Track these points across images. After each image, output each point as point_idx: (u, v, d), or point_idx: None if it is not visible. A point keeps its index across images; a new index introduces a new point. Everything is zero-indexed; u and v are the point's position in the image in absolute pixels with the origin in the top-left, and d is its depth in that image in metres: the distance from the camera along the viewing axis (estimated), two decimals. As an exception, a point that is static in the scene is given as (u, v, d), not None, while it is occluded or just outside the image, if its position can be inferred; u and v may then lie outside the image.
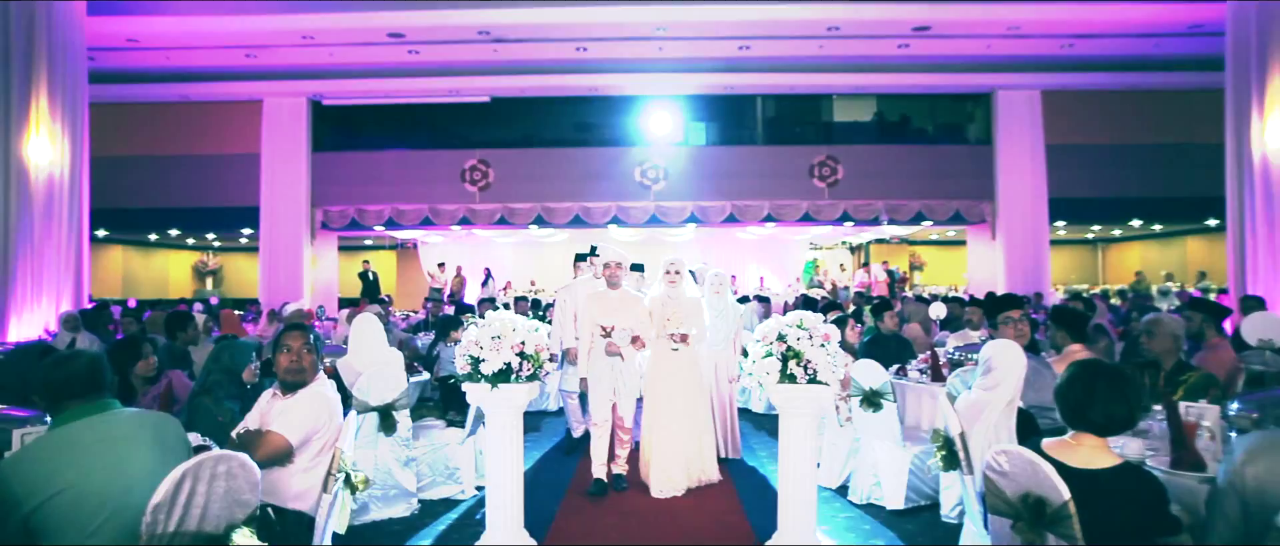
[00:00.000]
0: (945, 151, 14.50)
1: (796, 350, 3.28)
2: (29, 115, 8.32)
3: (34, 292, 8.27)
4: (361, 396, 3.94)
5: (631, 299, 4.57)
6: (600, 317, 4.48)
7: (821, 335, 3.34)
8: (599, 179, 14.47)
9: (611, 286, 4.59)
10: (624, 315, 4.47)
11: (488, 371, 3.33)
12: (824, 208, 14.29)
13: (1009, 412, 2.70)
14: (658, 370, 4.56)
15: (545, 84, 13.58)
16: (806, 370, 3.28)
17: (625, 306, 4.52)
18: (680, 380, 4.52)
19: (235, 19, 10.53)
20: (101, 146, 14.29)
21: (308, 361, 2.70)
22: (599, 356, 4.52)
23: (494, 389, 3.37)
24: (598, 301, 4.56)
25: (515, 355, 3.35)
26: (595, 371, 4.54)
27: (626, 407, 4.56)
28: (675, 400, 4.49)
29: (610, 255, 4.60)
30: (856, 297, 11.44)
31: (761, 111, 15.66)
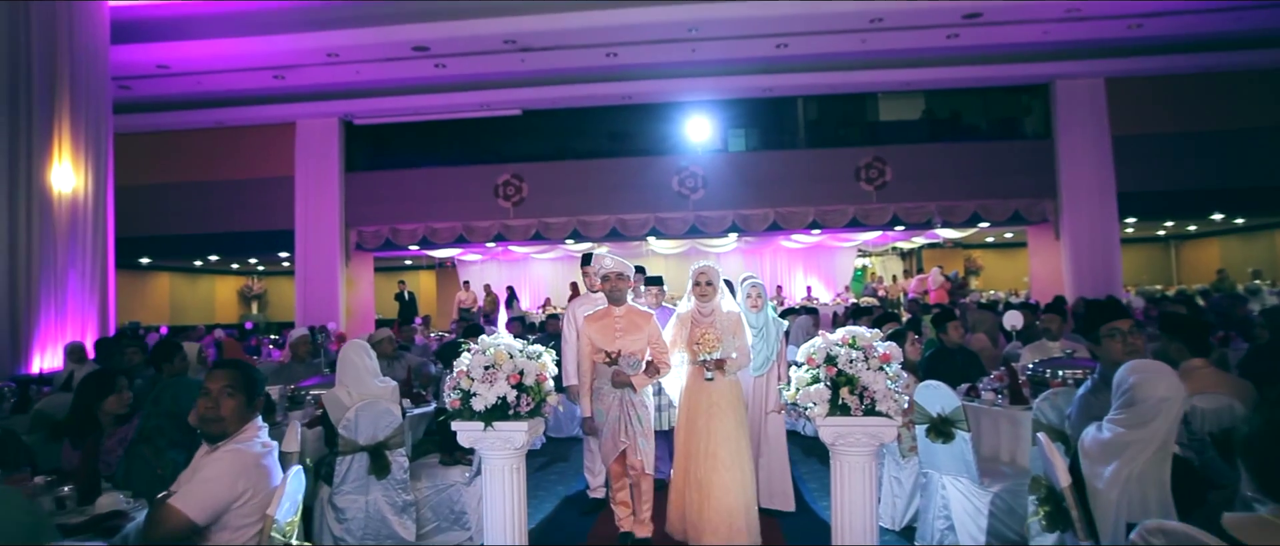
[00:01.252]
0: (1001, 148, 13.61)
1: (849, 375, 2.69)
2: (51, 143, 8.21)
3: (57, 322, 8.12)
4: (348, 435, 3.47)
5: (638, 316, 3.75)
6: (601, 341, 3.70)
7: (880, 355, 2.74)
8: (635, 190, 14.01)
9: (613, 303, 3.80)
10: (629, 337, 3.68)
11: (480, 407, 2.82)
12: (872, 211, 13.54)
13: (1161, 462, 2.02)
14: (691, 406, 3.75)
15: (576, 94, 13.20)
16: (862, 399, 2.69)
17: (631, 325, 3.71)
18: (720, 417, 3.66)
19: (260, 40, 10.39)
20: (143, 175, 14.53)
21: (228, 408, 2.17)
22: (604, 390, 3.74)
23: (487, 428, 2.85)
24: (596, 322, 3.78)
25: (511, 387, 2.83)
26: (601, 409, 3.75)
27: (643, 452, 3.71)
28: (714, 443, 3.63)
29: (608, 265, 3.81)
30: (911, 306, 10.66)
31: (803, 113, 15.01)
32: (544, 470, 5.90)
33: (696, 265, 3.91)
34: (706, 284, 3.84)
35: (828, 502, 3.60)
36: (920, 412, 3.46)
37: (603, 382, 3.74)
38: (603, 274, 3.82)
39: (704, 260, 3.98)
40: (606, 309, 3.83)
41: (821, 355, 2.80)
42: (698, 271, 3.88)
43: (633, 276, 3.92)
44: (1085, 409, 2.48)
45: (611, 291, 3.79)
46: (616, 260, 3.86)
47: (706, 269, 3.86)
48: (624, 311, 3.78)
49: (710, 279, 3.84)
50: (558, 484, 5.44)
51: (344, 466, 3.50)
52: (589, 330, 3.76)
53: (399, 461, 3.62)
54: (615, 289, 3.77)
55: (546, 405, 2.96)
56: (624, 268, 3.84)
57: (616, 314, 3.78)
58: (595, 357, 3.73)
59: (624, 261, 3.87)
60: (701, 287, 3.85)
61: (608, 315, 3.79)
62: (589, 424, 3.82)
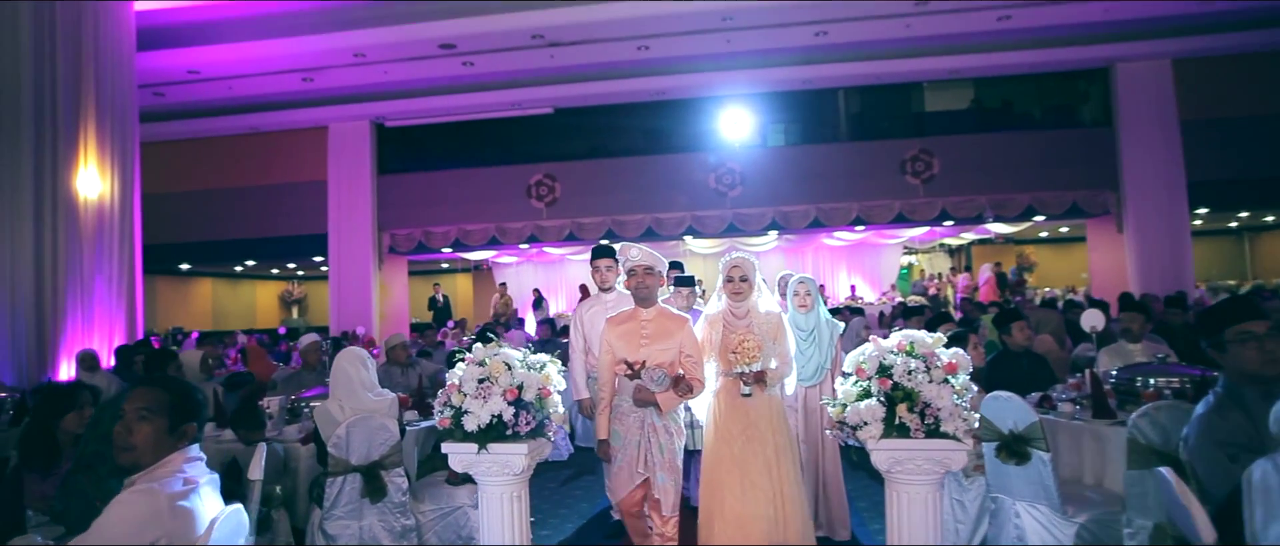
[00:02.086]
0: (1056, 137, 12.83)
1: (907, 389, 2.24)
2: (77, 148, 8.15)
3: (84, 328, 8.05)
4: (339, 453, 3.13)
5: (669, 321, 3.13)
6: (623, 349, 3.08)
7: (944, 365, 2.28)
8: (671, 188, 13.59)
9: (640, 303, 3.17)
10: (657, 346, 3.04)
11: (472, 427, 2.44)
12: (919, 206, 12.89)
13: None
14: (723, 429, 3.09)
15: (609, 90, 12.85)
16: (924, 418, 2.24)
17: (661, 332, 3.08)
18: (759, 442, 3.02)
19: (286, 41, 10.28)
20: (181, 181, 14.64)
21: (142, 436, 1.80)
22: (624, 408, 3.11)
23: (481, 451, 2.47)
24: (619, 326, 3.16)
25: (507, 404, 2.45)
26: (619, 431, 3.12)
27: (665, 484, 3.05)
28: (754, 472, 2.98)
29: (635, 257, 3.19)
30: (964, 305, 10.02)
31: (844, 105, 14.40)
32: (569, 484, 5.52)
33: (728, 257, 3.28)
34: (741, 280, 3.19)
35: (880, 525, 3.15)
36: (988, 429, 2.98)
37: (624, 399, 3.13)
38: (629, 268, 3.20)
39: (737, 252, 3.46)
40: (632, 310, 3.22)
41: (873, 365, 2.36)
42: (730, 265, 3.24)
43: (666, 272, 3.33)
44: (1209, 432, 1.99)
45: (638, 289, 3.15)
46: (646, 252, 3.22)
47: (740, 262, 3.23)
48: (653, 314, 3.15)
49: (745, 274, 3.19)
50: (582, 500, 5.06)
51: (335, 488, 3.16)
52: (610, 335, 3.17)
53: (397, 482, 3.26)
54: (643, 286, 3.14)
55: (550, 424, 2.57)
56: (655, 261, 3.20)
57: (644, 316, 3.15)
58: (617, 369, 3.12)
59: (655, 254, 3.24)
60: (735, 284, 3.20)
61: (633, 318, 3.18)
62: (604, 448, 3.17)
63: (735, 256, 3.29)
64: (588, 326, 3.83)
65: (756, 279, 3.25)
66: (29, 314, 7.60)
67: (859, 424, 2.33)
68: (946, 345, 2.41)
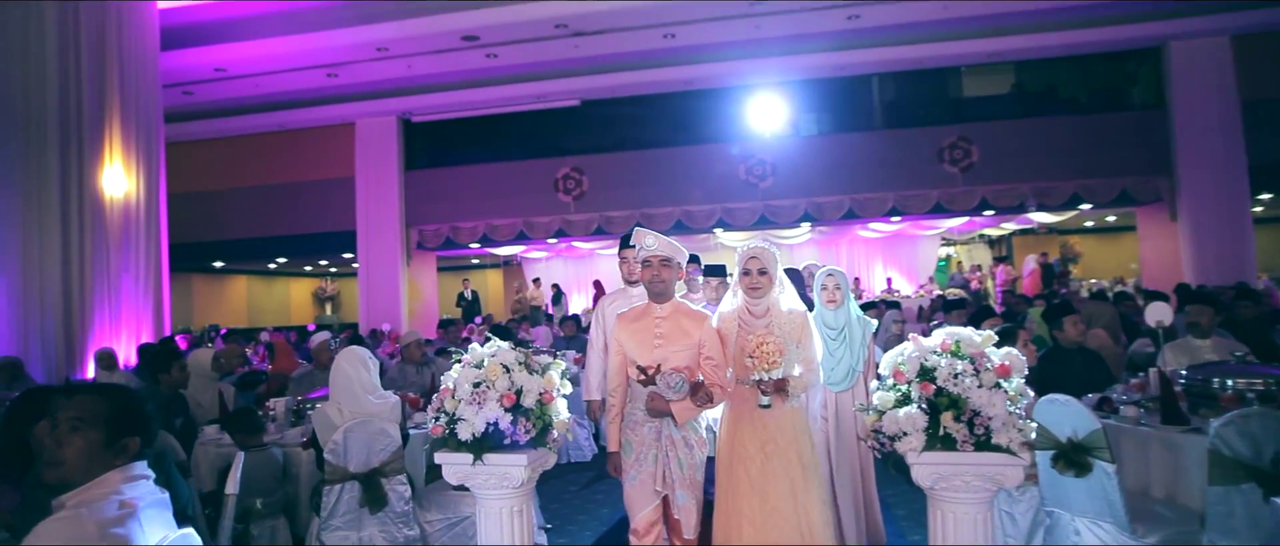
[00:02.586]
0: (1104, 121, 12.24)
1: (954, 395, 1.96)
2: (103, 147, 8.15)
3: (112, 326, 8.06)
4: (336, 459, 2.94)
5: (687, 319, 2.72)
6: (635, 351, 2.71)
7: (995, 367, 2.00)
8: (700, 180, 13.30)
9: (655, 298, 2.75)
10: (673, 347, 2.66)
11: (466, 435, 2.22)
12: (958, 196, 12.42)
13: None
14: (736, 444, 2.70)
15: (635, 80, 12.61)
16: (973, 428, 1.96)
17: (677, 331, 2.68)
18: (780, 460, 2.62)
19: (310, 36, 10.23)
20: (212, 180, 14.77)
21: (74, 449, 1.60)
22: (637, 417, 2.71)
23: (477, 461, 2.25)
24: (630, 325, 2.77)
25: (504, 410, 2.22)
26: (632, 442, 2.72)
27: (686, 504, 2.66)
28: (776, 496, 2.59)
29: (650, 245, 2.74)
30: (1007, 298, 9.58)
31: (878, 92, 13.95)
32: (591, 487, 5.29)
33: (744, 246, 2.84)
34: (759, 272, 2.74)
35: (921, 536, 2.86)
36: (1043, 435, 2.67)
37: (635, 407, 2.73)
38: (643, 257, 2.76)
39: (755, 240, 2.99)
40: (645, 306, 2.81)
41: (913, 367, 2.08)
42: (747, 254, 2.80)
43: (685, 263, 2.88)
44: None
45: (653, 281, 2.72)
46: (662, 239, 2.77)
47: (758, 251, 2.79)
48: (668, 310, 2.74)
49: (764, 265, 2.75)
50: (603, 505, 4.83)
51: (332, 497, 2.98)
52: (620, 334, 2.78)
53: (398, 491, 3.07)
54: (658, 278, 2.71)
55: (553, 432, 2.34)
56: (673, 250, 2.77)
57: (658, 314, 2.74)
58: (629, 373, 2.77)
59: (674, 242, 2.80)
60: (752, 277, 2.75)
61: (646, 315, 2.76)
62: (614, 461, 2.75)
63: (753, 244, 2.85)
64: (610, 322, 3.50)
65: (778, 272, 2.83)
66: (57, 312, 7.62)
67: (898, 434, 2.06)
68: (996, 344, 2.13)
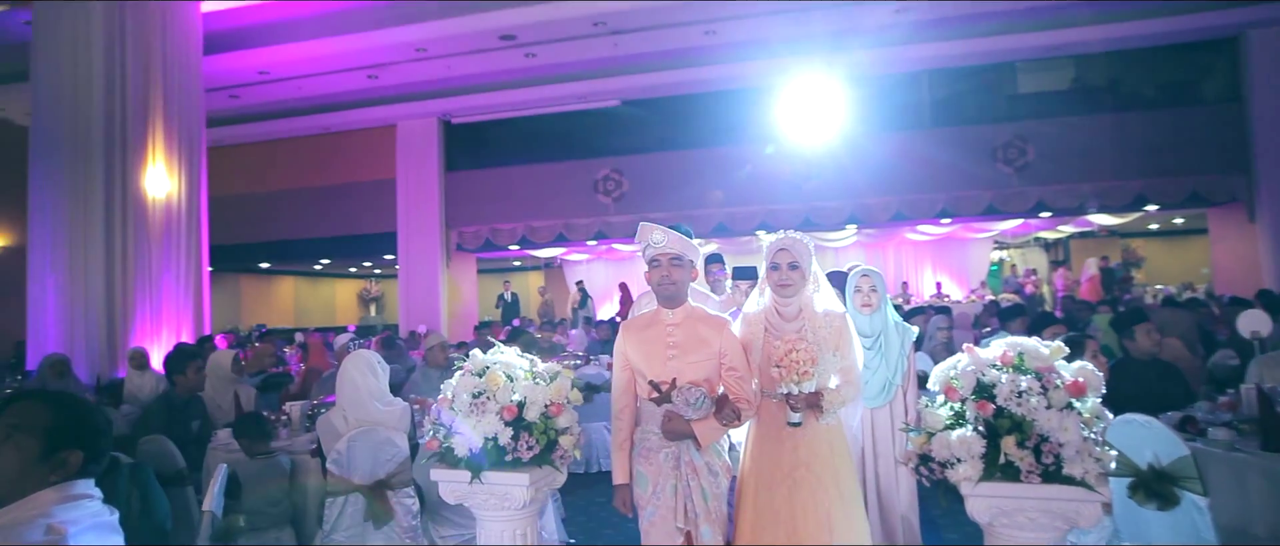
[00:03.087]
0: (1172, 117, 11.53)
1: (1017, 417, 1.68)
2: (145, 147, 8.26)
3: (153, 324, 8.15)
4: (339, 470, 2.77)
5: (703, 325, 2.38)
6: (646, 364, 2.37)
7: (1067, 384, 1.71)
8: (742, 181, 12.98)
9: (665, 303, 2.41)
10: (689, 358, 2.33)
11: (463, 451, 2.01)
12: (1012, 197, 11.86)
13: None
14: (762, 466, 2.38)
15: (675, 79, 12.39)
16: (1040, 456, 1.67)
17: (693, 339, 2.35)
18: (812, 488, 2.29)
19: (349, 38, 10.25)
20: (259, 183, 15.04)
21: (6, 462, 1.43)
22: (651, 442, 2.36)
23: (475, 480, 2.04)
24: (638, 334, 2.43)
25: (504, 424, 2.01)
26: (646, 473, 2.35)
27: (711, 539, 2.31)
28: (809, 527, 2.26)
29: (658, 241, 2.39)
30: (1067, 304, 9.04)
31: (928, 90, 13.43)
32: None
33: (771, 239, 2.50)
34: (789, 267, 2.42)
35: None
36: (1120, 462, 2.34)
37: (649, 430, 2.37)
38: (650, 256, 2.41)
39: (786, 232, 2.55)
40: (654, 312, 2.47)
41: (969, 382, 1.79)
42: (775, 247, 2.47)
43: (698, 262, 2.55)
44: None
45: (662, 283, 2.38)
46: (671, 233, 2.42)
47: (789, 243, 2.46)
48: (681, 317, 2.39)
49: (795, 259, 2.42)
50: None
51: (335, 509, 2.81)
52: (627, 346, 2.42)
53: (405, 504, 2.88)
54: (668, 280, 2.36)
55: (559, 449, 2.11)
56: (683, 246, 2.41)
57: (669, 320, 2.39)
58: (640, 391, 2.42)
59: (685, 238, 2.44)
60: (781, 273, 2.42)
61: (655, 322, 2.42)
62: (622, 496, 2.40)
63: (781, 236, 2.48)
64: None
65: (812, 267, 2.49)
66: (100, 311, 7.73)
67: (949, 460, 1.78)
68: (1067, 357, 1.83)
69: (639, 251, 2.45)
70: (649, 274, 2.44)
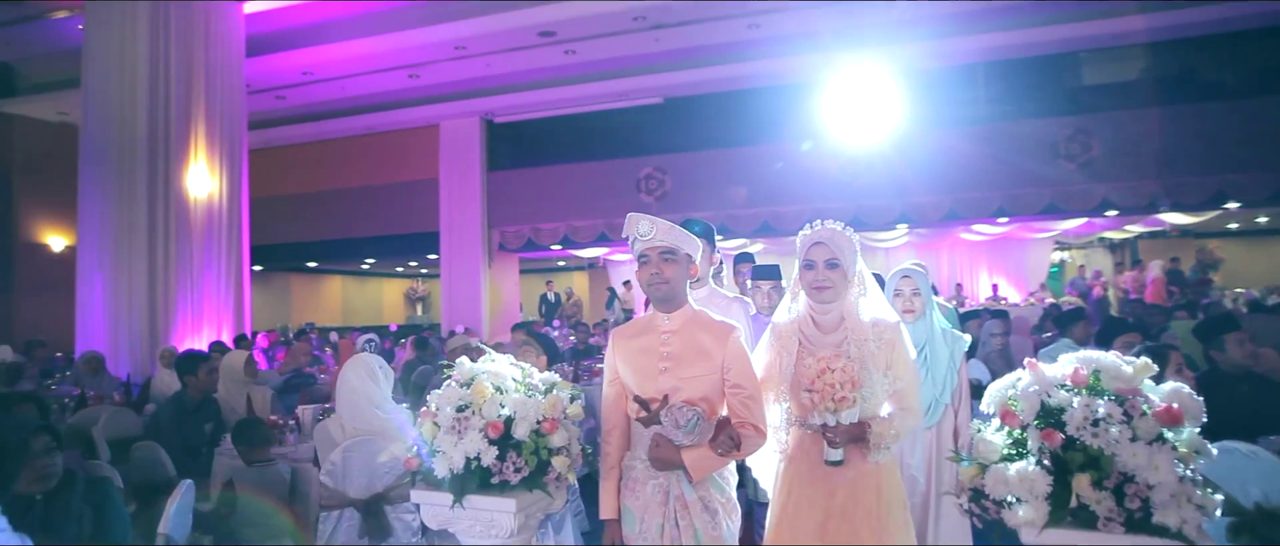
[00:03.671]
0: (1257, 107, 10.70)
1: (1093, 451, 1.37)
2: (188, 147, 8.35)
3: (194, 321, 8.23)
4: (333, 482, 2.58)
5: (703, 331, 2.02)
6: (636, 378, 2.03)
7: (1155, 410, 1.39)
8: (787, 179, 12.60)
9: (659, 305, 2.07)
10: (685, 371, 1.98)
11: (443, 471, 1.79)
12: (1075, 195, 11.21)
13: None
14: (793, 512, 2.00)
15: (719, 75, 12.12)
16: (1123, 499, 1.36)
17: (691, 349, 2.00)
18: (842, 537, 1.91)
19: (389, 37, 10.27)
20: (306, 183, 15.26)
21: None
22: (638, 472, 2.00)
23: (457, 503, 1.82)
24: (628, 342, 2.09)
25: (488, 442, 1.77)
26: (633, 508, 2.00)
27: None
28: None
29: (644, 233, 2.04)
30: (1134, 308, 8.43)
31: (984, 83, 12.82)
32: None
33: (806, 232, 2.12)
34: (826, 265, 2.02)
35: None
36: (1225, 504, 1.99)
37: (636, 456, 2.02)
38: (639, 251, 2.07)
39: (824, 222, 2.15)
40: (648, 317, 2.11)
41: (1031, 405, 1.49)
42: (809, 241, 2.09)
43: (697, 256, 2.11)
44: None
45: (652, 282, 2.02)
46: (660, 223, 2.06)
47: (827, 236, 2.07)
48: (678, 323, 2.03)
49: (833, 255, 2.03)
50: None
51: (329, 524, 2.62)
52: (617, 356, 2.08)
53: (405, 520, 2.68)
54: (659, 278, 2.01)
55: (552, 471, 1.87)
56: (676, 237, 2.04)
57: (664, 326, 2.04)
58: (620, 409, 2.08)
59: (677, 228, 2.07)
60: (817, 272, 2.03)
61: (649, 329, 2.07)
62: (611, 533, 2.02)
63: (819, 226, 2.10)
64: None
65: (856, 265, 2.09)
66: (143, 309, 7.84)
67: (1006, 499, 1.47)
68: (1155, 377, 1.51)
69: (629, 246, 2.13)
70: (638, 272, 2.08)
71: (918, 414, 2.01)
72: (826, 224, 2.13)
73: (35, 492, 1.83)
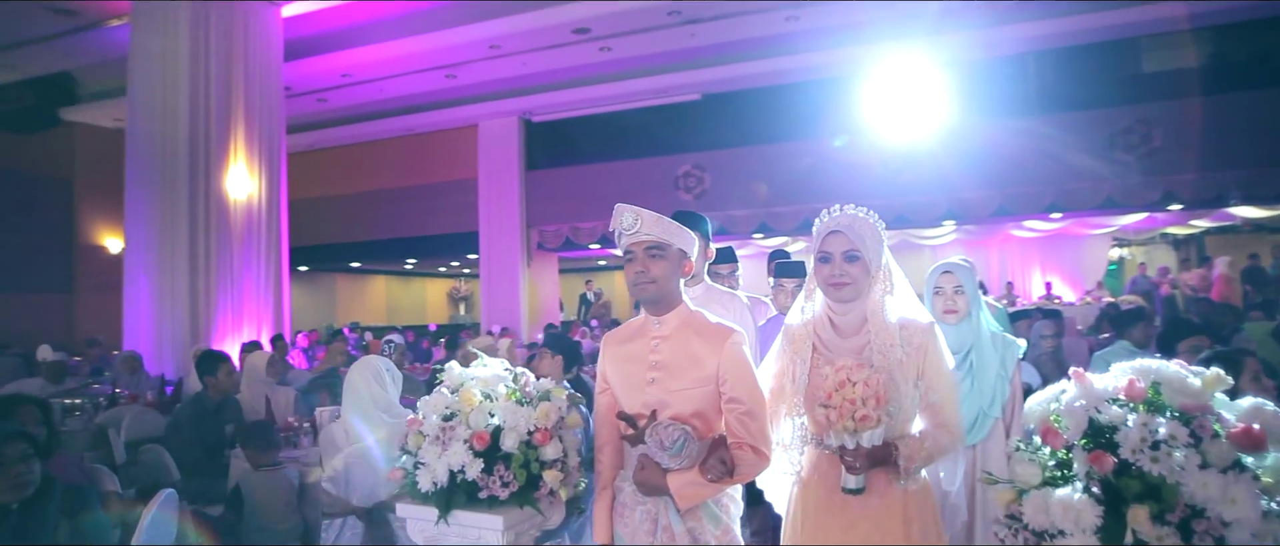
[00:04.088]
0: (1338, 92, 10.05)
1: (1153, 479, 1.16)
2: (227, 149, 8.47)
3: (234, 321, 8.35)
4: (335, 489, 2.49)
5: (701, 335, 1.80)
6: (624, 390, 1.84)
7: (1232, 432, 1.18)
8: (828, 175, 12.26)
9: (649, 307, 1.86)
10: (675, 382, 1.77)
11: (427, 484, 1.66)
12: (1134, 188, 10.66)
13: None
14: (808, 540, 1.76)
15: (758, 70, 11.87)
16: (1191, 537, 1.15)
17: (683, 357, 1.79)
18: None
19: (424, 37, 10.27)
20: (348, 184, 15.51)
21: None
22: (626, 495, 1.81)
23: (442, 519, 1.69)
24: (618, 348, 1.90)
25: (473, 454, 1.64)
26: (624, 534, 1.81)
27: None
28: None
29: (627, 226, 1.85)
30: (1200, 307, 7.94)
31: (1036, 73, 12.30)
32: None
33: (825, 217, 1.86)
34: (845, 257, 1.75)
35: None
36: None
37: (625, 477, 1.83)
38: (624, 245, 1.84)
39: (842, 208, 1.85)
40: (640, 321, 1.90)
41: (1077, 422, 1.29)
42: (826, 228, 1.81)
43: (692, 252, 1.88)
44: None
45: (638, 281, 1.81)
46: (647, 215, 1.84)
47: (844, 222, 1.79)
48: (671, 327, 1.82)
49: (853, 246, 1.76)
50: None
51: (331, 534, 2.53)
52: (607, 363, 1.89)
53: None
54: (645, 277, 1.79)
55: (544, 486, 1.73)
56: (662, 230, 1.81)
57: (654, 332, 1.83)
58: (609, 427, 1.87)
59: (665, 219, 1.86)
60: (834, 265, 1.75)
61: (640, 334, 1.87)
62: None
63: (837, 212, 1.83)
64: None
65: (882, 258, 1.82)
66: (185, 308, 7.98)
67: (1050, 530, 1.28)
68: (1228, 391, 1.29)
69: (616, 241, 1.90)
70: (626, 270, 1.85)
71: (956, 432, 1.73)
72: (846, 209, 1.84)
73: (9, 502, 1.78)
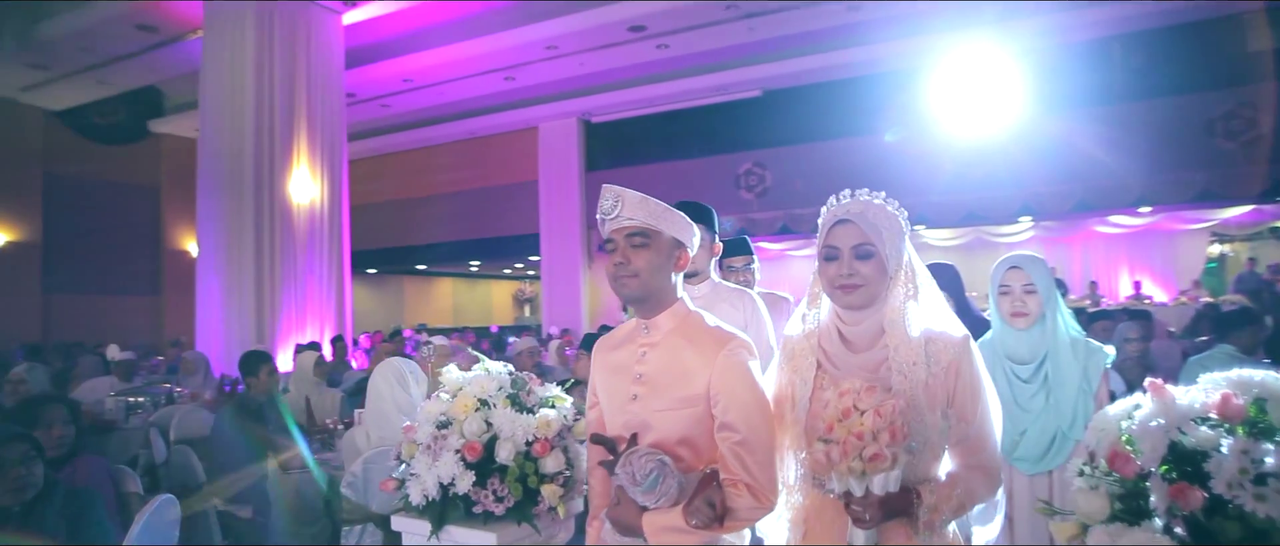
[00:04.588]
0: None
1: (1257, 519, 0.93)
2: (291, 153, 8.70)
3: (297, 323, 8.57)
4: (354, 495, 2.41)
5: (695, 344, 1.50)
6: (610, 405, 1.57)
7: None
8: (895, 170, 11.72)
9: (636, 306, 1.58)
10: (663, 398, 1.48)
11: (418, 497, 1.54)
12: (1235, 179, 9.87)
13: None
14: None
15: (819, 64, 11.54)
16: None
17: (673, 370, 1.50)
18: None
19: (481, 41, 10.37)
20: (413, 188, 15.84)
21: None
22: (608, 528, 1.49)
23: (435, 533, 1.57)
24: (606, 356, 1.64)
25: (464, 466, 1.51)
26: None
27: None
28: None
29: (608, 210, 1.57)
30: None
31: (1121, 57, 11.51)
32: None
33: (831, 204, 1.55)
34: (856, 254, 1.45)
35: None
36: None
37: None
38: (607, 231, 1.59)
39: (854, 194, 1.55)
40: (631, 325, 1.65)
41: (1154, 445, 1.06)
42: (832, 220, 1.51)
43: (692, 243, 1.59)
44: None
45: (618, 274, 1.53)
46: (630, 196, 1.55)
47: (854, 211, 1.48)
48: (663, 332, 1.55)
49: (865, 240, 1.45)
50: None
51: (351, 539, 2.46)
52: (596, 374, 1.63)
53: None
54: (626, 270, 1.52)
55: (542, 502, 1.58)
56: (649, 215, 1.53)
57: (643, 339, 1.57)
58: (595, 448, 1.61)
59: (653, 201, 1.54)
60: (841, 264, 1.44)
61: (629, 339, 1.61)
62: None
63: (846, 199, 1.52)
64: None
65: (903, 254, 1.50)
66: (251, 309, 8.23)
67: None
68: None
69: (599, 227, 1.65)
70: (609, 259, 1.56)
71: (995, 474, 1.39)
72: (858, 195, 1.53)
73: (9, 504, 1.76)
